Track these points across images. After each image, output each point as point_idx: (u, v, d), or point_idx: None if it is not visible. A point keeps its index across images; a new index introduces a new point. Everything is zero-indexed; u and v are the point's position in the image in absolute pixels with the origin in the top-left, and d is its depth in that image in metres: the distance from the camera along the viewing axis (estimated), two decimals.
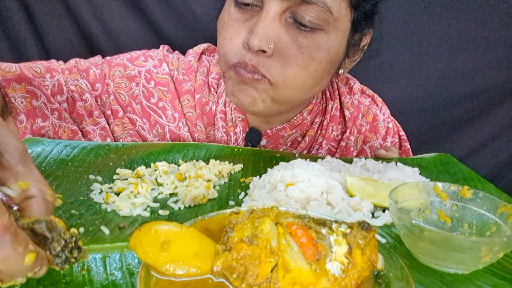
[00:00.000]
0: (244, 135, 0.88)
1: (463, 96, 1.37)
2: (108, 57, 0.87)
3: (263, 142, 0.90)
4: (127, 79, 0.84)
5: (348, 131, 0.92)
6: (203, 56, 0.92)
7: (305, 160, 0.68)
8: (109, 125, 0.83)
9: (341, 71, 0.81)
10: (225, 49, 0.71)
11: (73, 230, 0.36)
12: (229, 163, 0.71)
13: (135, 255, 0.42)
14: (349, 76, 0.99)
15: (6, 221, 0.31)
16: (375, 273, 0.37)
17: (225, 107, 0.87)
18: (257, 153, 0.79)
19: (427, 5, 1.26)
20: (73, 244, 0.35)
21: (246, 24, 0.69)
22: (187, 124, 0.86)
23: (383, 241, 0.50)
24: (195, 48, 0.93)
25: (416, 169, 0.69)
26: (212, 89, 0.88)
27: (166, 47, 0.92)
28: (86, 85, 0.81)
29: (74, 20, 1.16)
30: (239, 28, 0.70)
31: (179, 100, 0.86)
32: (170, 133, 0.86)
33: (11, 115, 0.71)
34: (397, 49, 1.31)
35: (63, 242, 0.35)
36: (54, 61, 0.82)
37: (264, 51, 0.67)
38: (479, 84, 1.35)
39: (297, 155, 0.79)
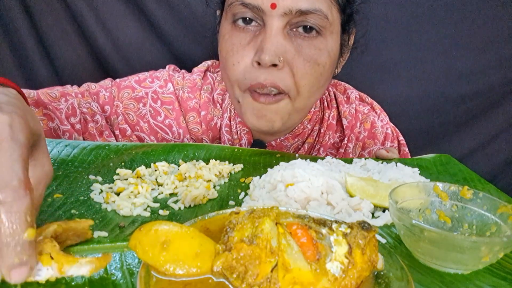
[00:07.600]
0: (249, 147, 0.90)
1: (463, 96, 1.36)
2: (117, 80, 0.92)
3: None
4: (134, 100, 0.88)
5: (346, 139, 0.95)
6: (208, 73, 0.95)
7: (305, 160, 0.68)
8: None
9: (336, 70, 0.86)
10: (236, 74, 0.74)
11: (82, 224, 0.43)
12: (229, 163, 0.71)
13: (135, 255, 0.42)
14: (347, 85, 1.03)
15: (30, 184, 0.31)
16: (375, 273, 0.37)
17: (229, 121, 0.91)
18: (257, 153, 0.79)
19: (427, 5, 1.26)
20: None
21: (251, 45, 0.72)
22: (192, 139, 0.90)
23: (383, 241, 0.50)
24: (199, 66, 0.97)
25: (416, 170, 0.69)
26: (218, 104, 0.92)
27: (172, 66, 0.96)
28: (97, 107, 0.87)
29: (79, 27, 1.18)
30: (244, 50, 0.73)
31: (184, 117, 0.90)
32: None
33: None
34: (397, 49, 1.31)
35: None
36: (68, 86, 0.88)
37: (275, 65, 0.70)
38: (479, 84, 1.35)
39: (297, 155, 0.79)
